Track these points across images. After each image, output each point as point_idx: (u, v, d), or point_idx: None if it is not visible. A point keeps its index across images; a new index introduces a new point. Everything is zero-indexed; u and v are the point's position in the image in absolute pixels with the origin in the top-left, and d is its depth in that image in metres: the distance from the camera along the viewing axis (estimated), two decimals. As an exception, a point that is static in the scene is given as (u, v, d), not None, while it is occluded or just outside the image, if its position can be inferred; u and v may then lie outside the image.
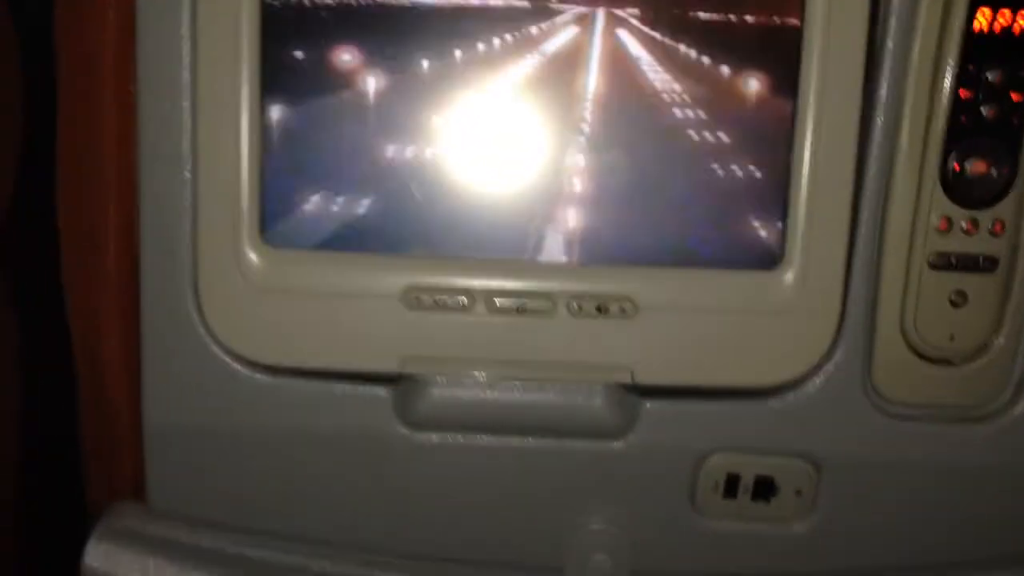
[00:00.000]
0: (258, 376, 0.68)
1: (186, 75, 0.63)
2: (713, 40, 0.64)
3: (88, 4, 0.64)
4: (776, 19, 0.64)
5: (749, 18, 0.64)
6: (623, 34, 0.64)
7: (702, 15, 0.64)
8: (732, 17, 0.64)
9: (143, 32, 0.63)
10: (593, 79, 0.65)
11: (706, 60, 0.65)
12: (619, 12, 0.64)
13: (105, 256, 0.67)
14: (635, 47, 0.65)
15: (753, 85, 0.65)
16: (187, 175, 0.64)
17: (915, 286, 0.66)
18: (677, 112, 0.66)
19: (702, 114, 0.65)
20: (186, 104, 0.64)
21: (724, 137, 0.66)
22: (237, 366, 0.67)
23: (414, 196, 0.66)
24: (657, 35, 0.64)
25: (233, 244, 0.65)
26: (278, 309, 0.66)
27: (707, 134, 0.66)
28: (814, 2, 0.63)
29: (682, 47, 0.65)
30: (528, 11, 0.64)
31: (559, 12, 0.64)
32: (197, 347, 0.67)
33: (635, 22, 0.64)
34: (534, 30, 0.64)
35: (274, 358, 0.67)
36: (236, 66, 0.63)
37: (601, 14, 0.64)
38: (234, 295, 0.66)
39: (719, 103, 0.65)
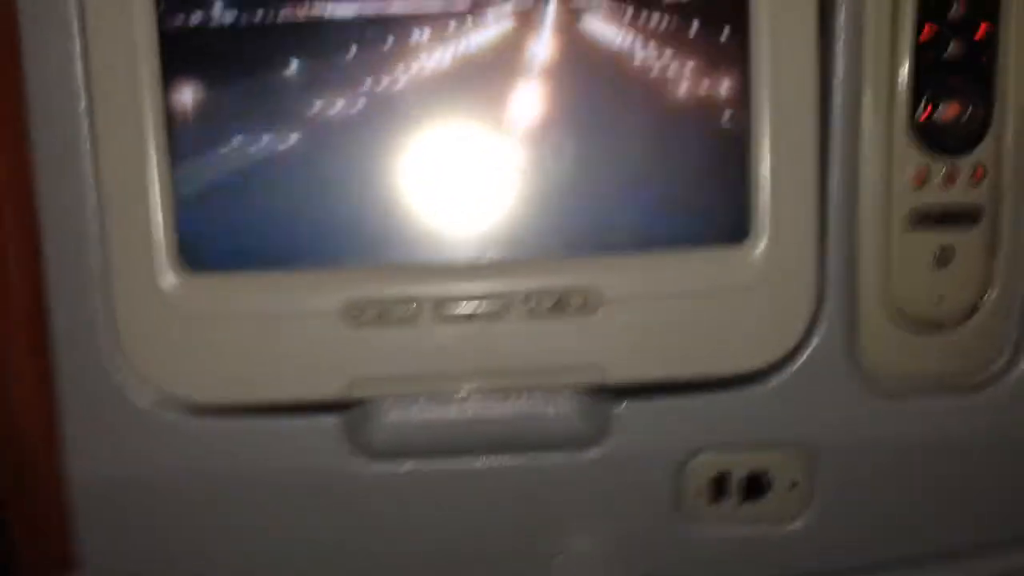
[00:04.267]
0: (191, 417, 0.62)
1: (83, 97, 0.58)
2: (662, 27, 0.59)
3: None
4: None
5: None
6: (562, 23, 0.59)
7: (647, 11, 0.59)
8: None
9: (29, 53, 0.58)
10: (531, 66, 0.60)
11: (656, 44, 0.60)
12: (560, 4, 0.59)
13: (8, 292, 0.61)
14: (572, 34, 0.59)
15: (702, 49, 0.60)
16: (92, 198, 0.58)
17: (896, 248, 0.62)
18: (623, 87, 0.60)
19: (649, 86, 0.60)
20: (85, 121, 0.58)
21: (675, 107, 0.60)
22: (167, 408, 0.61)
23: (346, 204, 0.60)
24: (600, 20, 0.59)
25: (150, 272, 0.59)
26: (206, 340, 0.60)
27: (656, 107, 0.60)
28: None
29: (624, 29, 0.59)
30: (459, 12, 0.59)
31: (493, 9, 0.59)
32: (120, 389, 0.61)
33: (575, 11, 0.59)
34: (462, 27, 0.59)
35: (207, 396, 0.61)
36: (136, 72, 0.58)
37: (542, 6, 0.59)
38: (156, 328, 0.60)
39: (665, 73, 0.60)
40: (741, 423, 0.64)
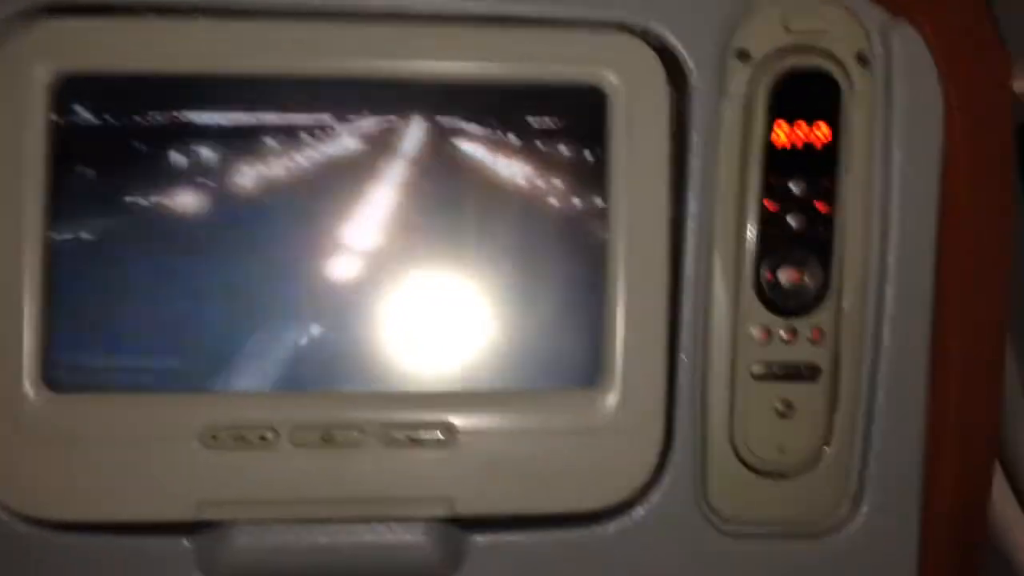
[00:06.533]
0: (42, 533, 0.62)
1: None
2: (521, 162, 0.63)
3: None
4: (582, 146, 0.63)
5: (557, 145, 0.63)
6: (429, 146, 0.63)
7: (510, 141, 0.63)
8: (539, 144, 0.63)
9: None
10: (395, 196, 0.63)
11: (515, 181, 0.63)
12: (422, 123, 0.63)
13: None
14: (441, 164, 0.63)
15: (563, 205, 0.63)
16: None
17: (741, 398, 0.65)
18: (486, 230, 0.64)
19: (511, 232, 0.64)
20: None
21: (536, 255, 0.64)
22: (16, 523, 0.61)
23: (208, 331, 0.62)
24: (464, 152, 0.63)
25: (10, 388, 0.60)
26: (61, 458, 0.61)
27: (517, 253, 0.64)
28: (616, 124, 0.62)
29: (488, 170, 0.63)
30: (326, 124, 0.62)
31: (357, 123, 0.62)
32: None
33: (437, 135, 0.62)
34: (328, 147, 0.62)
35: (58, 512, 0.61)
36: (19, 191, 0.60)
37: (408, 125, 0.62)
38: (11, 444, 0.60)
39: (528, 222, 0.63)
40: (590, 559, 0.66)
